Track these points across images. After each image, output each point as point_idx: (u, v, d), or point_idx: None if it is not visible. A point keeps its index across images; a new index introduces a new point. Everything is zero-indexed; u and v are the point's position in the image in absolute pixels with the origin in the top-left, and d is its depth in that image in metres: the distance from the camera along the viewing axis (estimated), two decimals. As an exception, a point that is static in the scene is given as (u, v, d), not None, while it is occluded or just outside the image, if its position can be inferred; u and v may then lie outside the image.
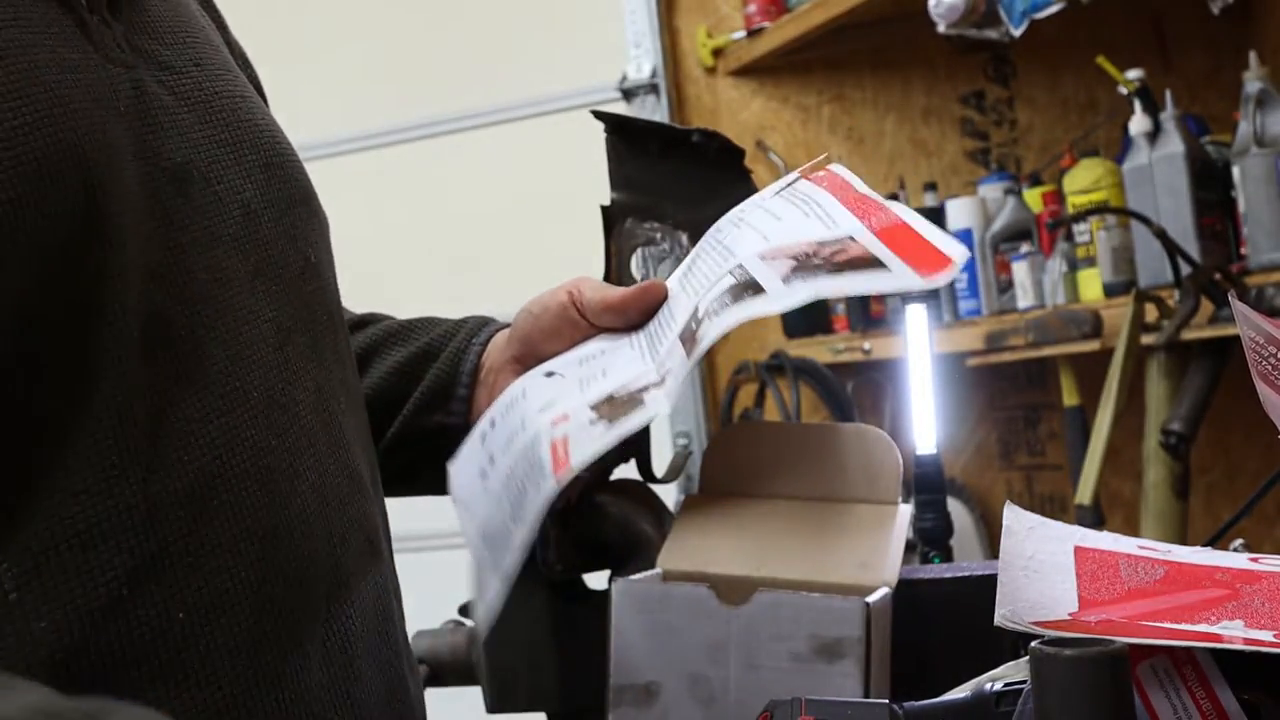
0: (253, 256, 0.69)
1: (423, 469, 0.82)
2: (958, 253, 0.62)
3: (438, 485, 0.82)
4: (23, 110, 0.57)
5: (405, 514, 1.02)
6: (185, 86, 0.70)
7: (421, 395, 0.91)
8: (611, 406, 0.72)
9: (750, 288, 0.68)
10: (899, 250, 0.64)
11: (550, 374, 0.80)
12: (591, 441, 0.70)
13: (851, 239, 0.67)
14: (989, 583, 0.65)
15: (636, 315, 0.81)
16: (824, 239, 0.68)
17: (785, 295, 0.66)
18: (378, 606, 0.75)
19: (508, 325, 0.91)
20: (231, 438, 0.64)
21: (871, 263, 0.64)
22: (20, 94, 0.57)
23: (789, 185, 0.77)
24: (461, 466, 0.80)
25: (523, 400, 0.78)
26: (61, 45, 0.61)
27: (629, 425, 0.70)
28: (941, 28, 1.95)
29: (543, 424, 0.73)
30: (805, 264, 0.67)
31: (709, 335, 0.69)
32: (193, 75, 0.71)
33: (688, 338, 0.72)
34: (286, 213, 0.74)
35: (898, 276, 0.63)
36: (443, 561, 2.07)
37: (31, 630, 0.56)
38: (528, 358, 0.85)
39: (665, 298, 0.80)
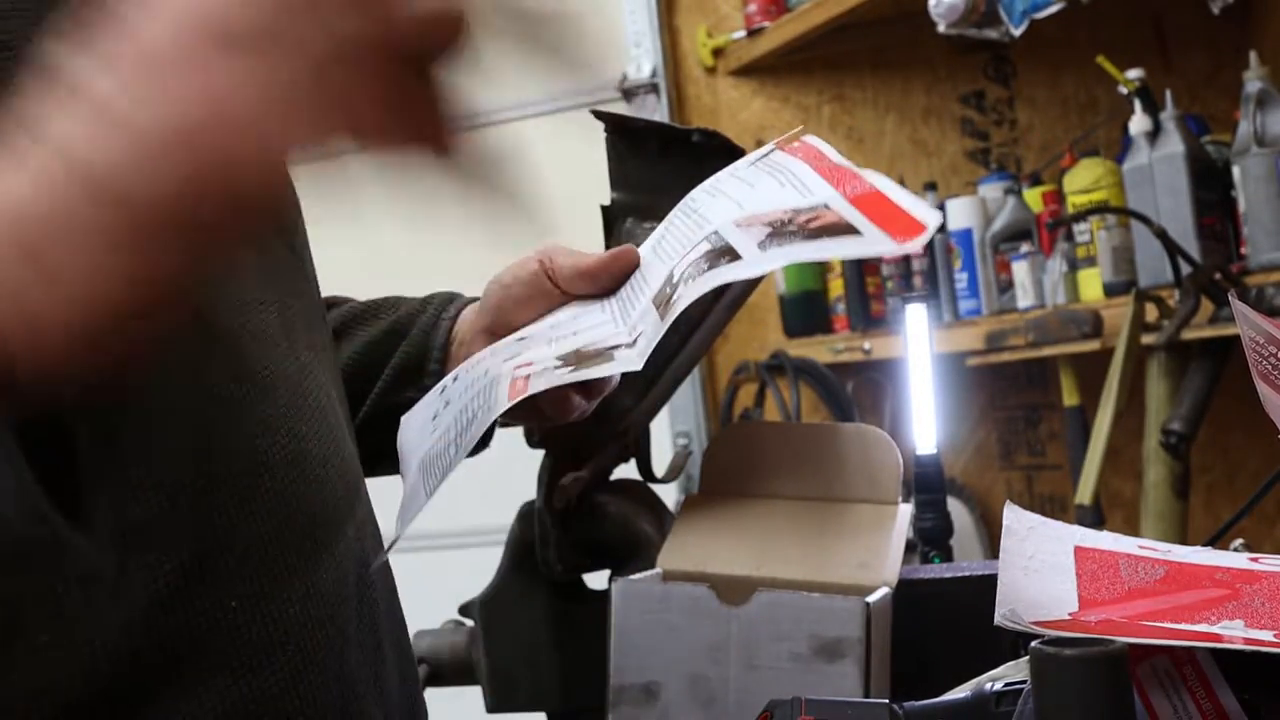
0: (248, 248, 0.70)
1: (394, 447, 0.83)
2: (931, 218, 0.62)
3: None
4: None
5: (405, 514, 1.02)
6: None
7: (392, 372, 0.90)
8: (579, 357, 0.72)
9: (726, 254, 0.69)
10: (873, 216, 0.64)
11: (522, 339, 0.80)
12: (552, 380, 0.70)
13: (826, 206, 0.67)
14: (989, 583, 0.65)
15: (609, 281, 0.81)
16: (799, 206, 0.68)
17: (761, 261, 0.66)
18: (388, 588, 0.76)
19: (475, 299, 0.90)
20: (269, 426, 0.65)
21: (846, 229, 0.65)
22: None
23: (763, 156, 0.77)
24: (413, 417, 0.81)
25: (490, 356, 0.78)
26: None
27: (594, 373, 0.70)
28: (941, 28, 1.95)
29: (506, 369, 0.74)
30: (780, 230, 0.67)
31: (684, 299, 0.69)
32: None
33: (662, 302, 0.72)
34: None
35: (871, 242, 0.63)
36: (443, 561, 2.07)
37: (103, 624, 0.56)
38: (499, 328, 0.84)
39: (638, 263, 0.80)
